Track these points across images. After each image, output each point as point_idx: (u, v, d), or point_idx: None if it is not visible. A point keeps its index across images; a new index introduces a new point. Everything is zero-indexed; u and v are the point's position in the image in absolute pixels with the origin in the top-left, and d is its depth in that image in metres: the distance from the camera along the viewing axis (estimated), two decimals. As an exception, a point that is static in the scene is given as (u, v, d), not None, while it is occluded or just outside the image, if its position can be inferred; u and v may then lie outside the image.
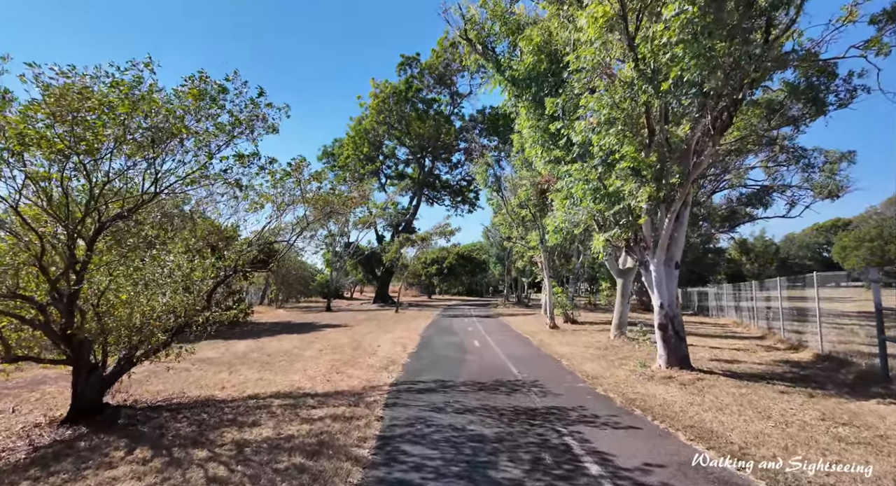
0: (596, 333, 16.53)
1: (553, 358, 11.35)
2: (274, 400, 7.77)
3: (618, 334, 14.15)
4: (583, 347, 13.07)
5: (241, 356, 12.63)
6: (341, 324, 21.83)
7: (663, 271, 9.17)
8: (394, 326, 20.66)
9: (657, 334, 9.36)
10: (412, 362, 11.01)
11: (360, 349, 13.35)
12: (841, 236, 72.44)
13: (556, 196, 11.78)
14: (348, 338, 16.00)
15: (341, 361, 11.43)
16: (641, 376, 8.71)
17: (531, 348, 13.11)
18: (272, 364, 11.28)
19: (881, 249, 63.66)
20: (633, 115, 8.00)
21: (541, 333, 16.86)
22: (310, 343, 14.86)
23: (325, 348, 13.66)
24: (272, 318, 27.84)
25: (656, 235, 9.19)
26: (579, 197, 9.40)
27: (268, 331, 19.38)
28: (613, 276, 14.18)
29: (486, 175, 19.77)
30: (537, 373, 9.41)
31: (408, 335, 16.54)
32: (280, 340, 15.98)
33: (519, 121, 11.81)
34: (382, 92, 38.75)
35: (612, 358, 11.06)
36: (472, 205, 51.58)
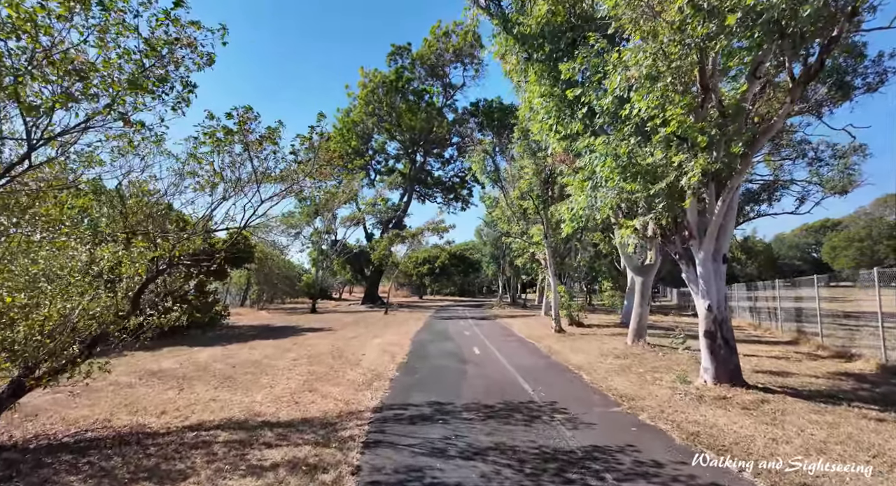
0: (608, 338, 14.84)
1: (569, 370, 9.60)
2: (221, 433, 5.91)
3: (636, 340, 12.46)
4: (599, 355, 11.35)
5: (201, 368, 10.72)
6: (324, 327, 19.90)
7: (711, 265, 7.47)
8: (382, 329, 18.79)
9: (702, 343, 7.65)
10: (402, 376, 9.19)
11: (342, 359, 11.49)
12: (831, 237, 72.13)
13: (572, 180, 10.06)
14: (330, 344, 14.11)
15: (317, 374, 9.57)
16: (688, 396, 7.00)
17: (540, 357, 11.36)
18: (234, 379, 9.40)
19: (871, 249, 63.36)
20: (683, 66, 6.27)
21: (547, 337, 15.12)
22: (285, 351, 12.96)
23: (302, 358, 11.78)
24: (252, 320, 25.79)
25: (703, 222, 7.49)
26: (605, 176, 7.68)
27: (242, 336, 17.42)
28: (631, 273, 12.49)
29: (483, 165, 18.01)
30: (556, 391, 7.65)
31: (397, 341, 14.71)
32: (252, 347, 14.05)
33: (527, 90, 10.05)
34: (371, 81, 36.82)
35: (640, 370, 9.35)
36: (466, 202, 49.85)
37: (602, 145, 7.63)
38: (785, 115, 6.47)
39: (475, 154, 18.08)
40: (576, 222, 8.91)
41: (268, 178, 6.60)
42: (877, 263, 63.59)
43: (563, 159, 9.97)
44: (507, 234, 21.71)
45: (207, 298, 22.04)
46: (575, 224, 8.99)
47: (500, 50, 9.97)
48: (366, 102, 37.22)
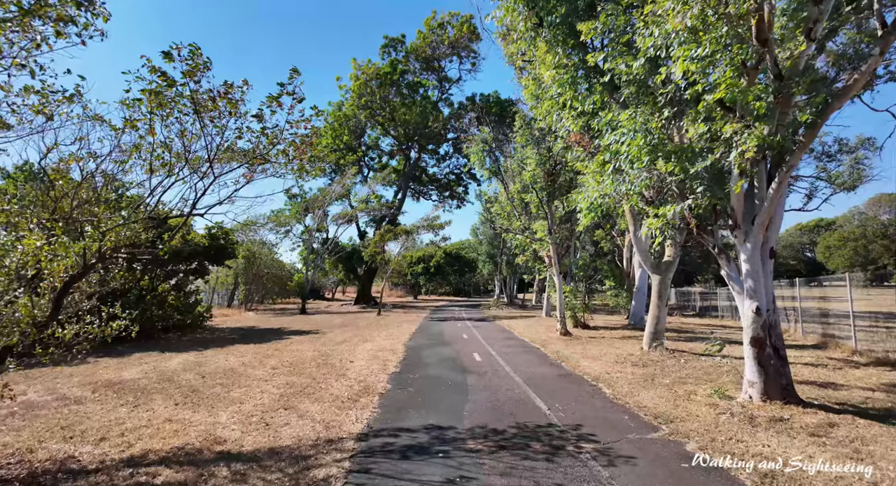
0: (619, 342, 13.69)
1: (586, 381, 8.42)
2: (163, 471, 4.67)
3: (653, 344, 11.32)
4: (615, 362, 10.19)
5: (167, 378, 9.43)
6: (312, 330, 18.61)
7: (759, 260, 6.32)
8: (374, 332, 17.54)
9: (747, 352, 6.49)
10: (394, 389, 7.96)
11: (327, 367, 10.25)
12: (825, 236, 71.77)
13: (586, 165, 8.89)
14: (315, 350, 12.85)
15: (297, 387, 8.33)
16: (735, 417, 5.83)
17: (550, 365, 10.17)
18: (200, 392, 8.13)
19: (864, 248, 63.00)
20: (740, 12, 5.10)
21: (552, 341, 13.95)
22: (265, 358, 11.69)
23: (282, 366, 10.52)
24: (237, 322, 24.42)
25: (751, 209, 6.33)
26: (631, 157, 6.50)
27: (222, 339, 16.11)
28: (640, 271, 11.32)
29: (482, 156, 16.81)
30: (577, 410, 6.46)
31: (390, 346, 13.48)
32: (230, 352, 12.76)
33: (539, 62, 8.85)
34: (364, 73, 35.47)
35: (666, 381, 8.19)
36: (461, 200, 48.63)
37: (628, 120, 6.46)
38: (869, 72, 5.32)
39: (474, 144, 16.88)
40: (594, 213, 7.73)
41: (225, 152, 5.33)
42: (870, 262, 63.22)
43: (578, 140, 8.80)
44: (507, 230, 20.53)
45: (188, 298, 20.72)
46: (593, 215, 7.80)
47: (506, 17, 8.73)
48: (358, 94, 35.86)
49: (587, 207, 7.83)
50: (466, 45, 39.23)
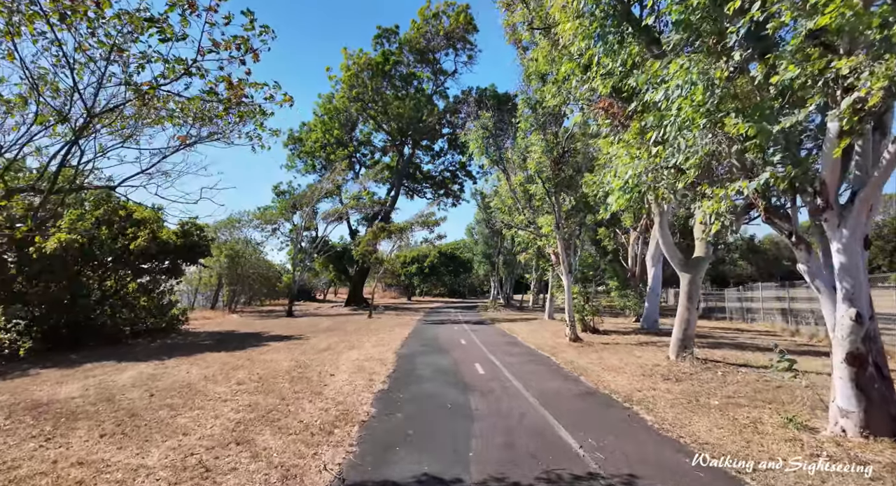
0: (637, 349, 12.19)
1: (615, 401, 6.87)
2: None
3: (682, 353, 9.82)
4: (642, 375, 8.67)
5: (107, 397, 7.80)
6: (295, 335, 16.94)
7: (858, 251, 4.82)
8: (363, 337, 15.92)
9: (842, 371, 4.96)
10: (379, 415, 6.38)
11: (303, 381, 8.64)
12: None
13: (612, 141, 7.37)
14: (293, 359, 11.23)
15: (261, 409, 6.73)
16: (839, 463, 4.31)
17: (566, 379, 8.62)
18: (139, 418, 6.52)
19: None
20: None
21: (563, 348, 12.42)
22: (233, 370, 10.06)
23: (251, 380, 8.90)
24: (217, 326, 22.69)
25: (853, 181, 4.84)
26: (685, 118, 5.00)
27: (193, 346, 14.42)
28: (676, 269, 9.86)
29: (482, 143, 15.26)
30: (617, 447, 4.91)
31: (379, 354, 11.88)
32: (195, 362, 11.11)
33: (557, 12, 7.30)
34: (356, 64, 33.81)
35: (716, 403, 6.68)
36: (457, 198, 47.08)
37: (681, 72, 4.95)
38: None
39: (473, 131, 15.33)
40: (630, 195, 6.20)
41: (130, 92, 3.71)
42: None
43: (606, 107, 7.27)
44: (508, 226, 19.00)
45: (161, 299, 19.00)
46: (628, 197, 6.28)
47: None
48: (349, 86, 34.16)
49: (620, 187, 6.30)
50: (462, 36, 37.73)
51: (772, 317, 19.08)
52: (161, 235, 15.90)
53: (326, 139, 37.44)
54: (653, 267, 16.87)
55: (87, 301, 15.06)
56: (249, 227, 33.22)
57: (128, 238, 14.51)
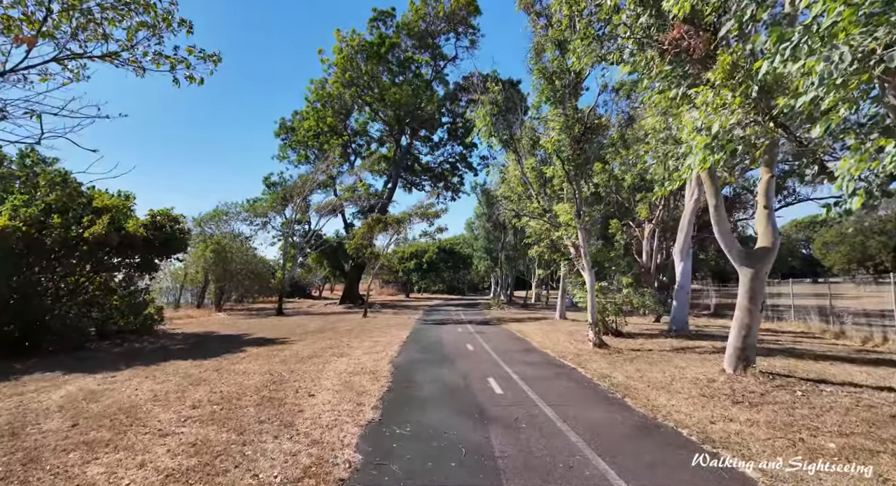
0: (674, 357, 10.39)
1: (694, 444, 5.01)
2: None
3: (742, 365, 7.99)
4: (702, 397, 6.86)
5: (13, 430, 5.96)
6: (279, 338, 15.08)
7: None
8: (354, 341, 14.08)
9: None
10: (367, 465, 4.52)
11: (273, 406, 6.80)
12: (821, 233, 69.38)
13: (674, 100, 5.53)
14: (269, 371, 9.38)
15: (205, 455, 4.88)
16: None
17: (609, 403, 6.79)
18: (37, 465, 4.70)
19: (862, 244, 60.73)
20: None
21: (589, 357, 10.59)
22: (192, 386, 8.21)
23: (208, 402, 7.06)
24: (200, 326, 20.83)
25: None
26: (839, 26, 3.18)
27: (160, 351, 12.57)
28: (734, 261, 8.06)
29: (489, 121, 13.35)
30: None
31: (371, 364, 10.03)
32: (151, 374, 9.25)
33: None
34: (349, 46, 31.75)
35: (833, 445, 4.86)
36: (456, 191, 45.21)
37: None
38: None
39: (480, 106, 13.44)
40: (723, 152, 4.36)
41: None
42: (868, 259, 60.99)
43: (682, 34, 5.39)
44: (517, 215, 17.15)
45: (134, 298, 17.11)
46: (718, 157, 4.43)
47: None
48: (343, 69, 32.11)
49: (706, 144, 4.45)
50: (464, 19, 35.70)
51: (805, 316, 17.33)
52: (128, 225, 13.99)
53: (320, 128, 35.42)
54: (681, 262, 15.07)
55: (42, 301, 13.19)
56: (238, 220, 31.24)
57: (83, 227, 12.60)
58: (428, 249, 60.07)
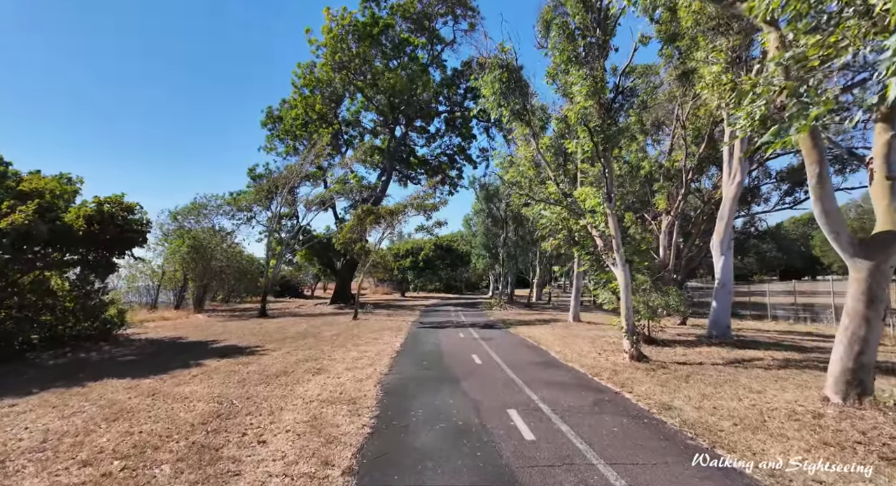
0: (736, 373, 8.27)
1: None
2: None
3: (853, 391, 5.88)
4: (823, 444, 4.73)
5: None
6: (251, 346, 12.82)
7: None
8: (338, 351, 11.86)
9: None
10: None
11: (197, 465, 4.59)
12: (820, 230, 67.62)
13: None
14: (218, 397, 7.16)
15: None
16: None
17: (692, 452, 4.64)
18: None
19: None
20: None
21: (629, 374, 8.42)
22: (104, 423, 6.00)
23: (107, 456, 4.85)
24: (171, 330, 18.53)
25: None
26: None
27: (99, 365, 10.34)
28: (844, 255, 5.94)
29: (498, 87, 11.15)
30: None
31: (353, 387, 7.81)
32: (62, 402, 7.03)
33: None
34: (339, 26, 29.41)
35: None
36: (454, 185, 42.94)
37: None
38: None
39: (488, 71, 11.23)
40: None
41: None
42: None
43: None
44: (527, 203, 14.99)
45: (89, 300, 14.84)
46: None
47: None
48: (332, 51, 29.75)
49: None
50: (463, 1, 33.45)
51: (832, 317, 15.20)
52: (66, 216, 11.73)
53: (309, 116, 33.06)
54: (721, 256, 13.00)
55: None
56: (218, 214, 28.84)
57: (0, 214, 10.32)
58: (424, 246, 57.87)
